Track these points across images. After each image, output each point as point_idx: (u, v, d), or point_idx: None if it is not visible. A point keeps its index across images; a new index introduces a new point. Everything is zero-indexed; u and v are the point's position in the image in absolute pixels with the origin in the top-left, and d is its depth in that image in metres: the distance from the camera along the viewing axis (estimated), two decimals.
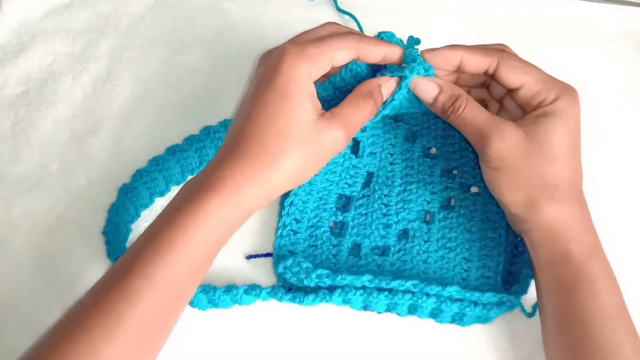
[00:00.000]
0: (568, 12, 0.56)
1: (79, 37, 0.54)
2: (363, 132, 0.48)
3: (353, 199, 0.47)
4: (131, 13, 0.55)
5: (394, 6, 0.56)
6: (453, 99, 0.41)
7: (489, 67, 0.41)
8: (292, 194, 0.45)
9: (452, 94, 0.41)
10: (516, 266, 0.44)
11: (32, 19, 0.54)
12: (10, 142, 0.50)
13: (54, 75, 0.52)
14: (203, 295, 0.42)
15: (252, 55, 0.53)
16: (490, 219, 0.46)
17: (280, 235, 0.45)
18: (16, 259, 0.45)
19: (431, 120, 0.49)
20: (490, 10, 0.56)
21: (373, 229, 0.45)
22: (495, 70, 0.41)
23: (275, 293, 0.42)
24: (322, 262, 0.45)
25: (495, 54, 0.41)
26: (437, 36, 0.52)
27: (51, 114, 0.51)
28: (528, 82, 0.40)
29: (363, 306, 0.44)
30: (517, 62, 0.41)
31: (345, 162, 0.48)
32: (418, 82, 0.41)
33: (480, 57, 0.41)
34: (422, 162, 0.48)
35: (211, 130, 0.48)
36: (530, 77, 0.40)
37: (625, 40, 0.55)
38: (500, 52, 0.41)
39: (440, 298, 0.41)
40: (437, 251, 0.45)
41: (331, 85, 0.44)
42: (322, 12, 0.55)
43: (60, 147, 0.49)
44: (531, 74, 0.40)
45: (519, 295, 0.42)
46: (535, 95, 0.40)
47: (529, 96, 0.40)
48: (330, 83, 0.44)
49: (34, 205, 0.47)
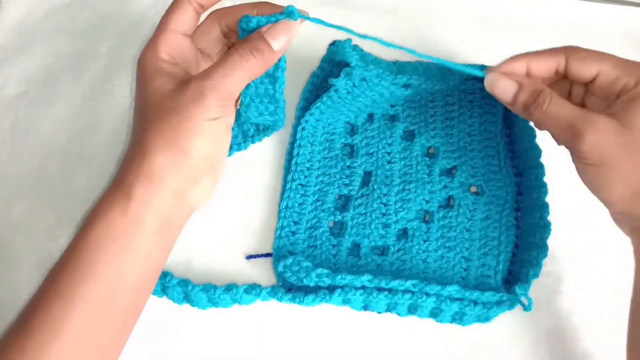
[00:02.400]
0: (568, 12, 0.56)
1: (79, 37, 0.54)
2: (355, 135, 0.49)
3: (352, 199, 0.47)
4: (131, 13, 0.55)
5: (393, 7, 0.56)
6: (535, 94, 0.38)
7: (559, 65, 0.39)
8: (285, 197, 0.46)
9: (534, 90, 0.38)
10: (516, 265, 0.44)
11: (32, 19, 0.54)
12: (10, 142, 0.50)
13: (54, 75, 0.52)
14: (203, 294, 0.42)
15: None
16: (489, 218, 0.46)
17: (279, 236, 0.45)
18: (16, 259, 0.46)
19: (429, 119, 0.50)
20: (491, 10, 0.56)
21: (372, 228, 0.46)
22: (565, 65, 0.38)
23: (275, 293, 0.42)
24: (322, 262, 0.45)
25: (561, 50, 0.39)
26: (437, 36, 0.53)
27: (51, 114, 0.51)
28: (604, 69, 0.37)
29: (363, 306, 0.44)
30: (588, 52, 0.38)
31: (338, 164, 0.48)
32: (495, 82, 0.39)
33: (547, 58, 0.39)
34: (420, 161, 0.48)
35: None
36: (605, 63, 0.37)
37: (625, 40, 0.55)
38: (566, 47, 0.39)
39: (440, 297, 0.41)
40: (437, 250, 0.45)
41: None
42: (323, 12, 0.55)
43: (60, 147, 0.50)
44: (606, 60, 0.38)
45: (519, 295, 0.42)
46: (614, 82, 0.37)
47: (608, 83, 0.37)
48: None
49: (34, 205, 0.47)
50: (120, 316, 0.36)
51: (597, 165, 0.36)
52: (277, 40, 0.38)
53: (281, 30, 0.38)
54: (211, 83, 0.35)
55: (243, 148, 0.49)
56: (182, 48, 0.39)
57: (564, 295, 0.45)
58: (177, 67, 0.38)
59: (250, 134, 0.48)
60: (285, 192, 0.47)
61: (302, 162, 0.48)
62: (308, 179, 0.48)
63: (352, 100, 0.47)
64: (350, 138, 0.50)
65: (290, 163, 0.48)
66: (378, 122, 0.50)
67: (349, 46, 0.45)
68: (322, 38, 0.52)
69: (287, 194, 0.47)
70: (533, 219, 0.44)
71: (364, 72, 0.44)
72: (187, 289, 0.42)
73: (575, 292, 0.45)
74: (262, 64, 0.37)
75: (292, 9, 0.38)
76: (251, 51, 0.37)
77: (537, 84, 0.38)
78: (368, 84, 0.45)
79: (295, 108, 0.51)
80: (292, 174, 0.47)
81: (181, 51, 0.39)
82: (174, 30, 0.39)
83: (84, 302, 0.34)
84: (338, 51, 0.47)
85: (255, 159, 0.49)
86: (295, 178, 0.47)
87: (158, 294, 0.44)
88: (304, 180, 0.47)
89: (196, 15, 0.40)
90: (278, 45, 0.38)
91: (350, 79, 0.44)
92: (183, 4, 0.39)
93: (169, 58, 0.38)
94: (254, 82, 0.41)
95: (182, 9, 0.39)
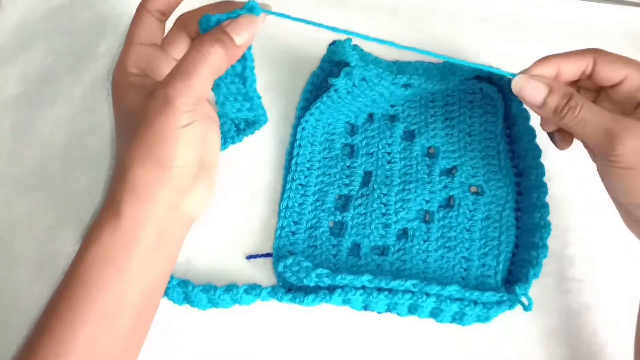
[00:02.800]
0: (568, 12, 0.56)
1: (79, 37, 0.54)
2: (355, 135, 0.49)
3: (352, 199, 0.47)
4: (131, 13, 0.54)
5: (393, 6, 0.56)
6: (567, 97, 0.37)
7: (586, 68, 0.38)
8: (285, 197, 0.46)
9: (565, 93, 0.37)
10: (516, 265, 0.44)
11: (32, 19, 0.54)
12: (10, 142, 0.50)
13: (54, 75, 0.52)
14: (203, 295, 0.42)
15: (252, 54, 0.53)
16: (490, 218, 0.46)
17: (279, 236, 0.45)
18: (16, 259, 0.46)
19: (429, 119, 0.50)
20: (491, 10, 0.56)
21: (372, 228, 0.46)
22: (592, 68, 0.38)
23: (275, 293, 0.42)
24: (322, 262, 0.45)
25: (589, 52, 0.39)
26: (437, 36, 0.53)
27: (51, 114, 0.51)
28: (631, 74, 0.37)
29: (363, 306, 0.44)
30: (615, 55, 0.38)
31: (338, 164, 0.48)
32: (523, 85, 0.38)
33: (576, 60, 0.38)
34: (420, 161, 0.48)
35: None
36: (632, 68, 0.37)
37: (625, 40, 0.55)
38: (593, 50, 0.39)
39: (440, 297, 0.41)
40: (437, 250, 0.45)
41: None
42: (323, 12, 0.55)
43: (60, 147, 0.50)
44: (633, 65, 0.37)
45: (519, 294, 0.42)
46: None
47: (634, 88, 0.37)
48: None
49: (34, 205, 0.47)
50: (123, 337, 0.35)
51: (631, 168, 0.36)
52: (239, 34, 0.36)
53: (243, 25, 0.36)
54: (174, 89, 0.34)
55: (237, 141, 0.49)
56: (150, 58, 0.39)
57: (565, 295, 0.45)
58: (148, 78, 0.38)
59: (241, 127, 0.48)
60: (285, 192, 0.47)
61: (302, 162, 0.48)
62: (308, 179, 0.48)
63: (352, 100, 0.47)
64: (350, 138, 0.50)
65: (290, 163, 0.48)
66: (378, 122, 0.50)
67: (348, 46, 0.45)
68: (322, 38, 0.52)
69: (287, 194, 0.47)
70: (533, 219, 0.44)
71: (363, 72, 0.44)
72: (187, 289, 0.42)
73: (575, 292, 0.45)
74: (226, 57, 0.35)
75: (254, 4, 0.36)
76: (211, 44, 0.34)
77: (566, 87, 0.38)
78: (368, 84, 0.45)
79: (295, 108, 0.51)
80: (292, 174, 0.47)
81: (149, 61, 0.39)
82: (139, 43, 0.39)
83: (85, 326, 0.34)
84: (338, 51, 0.47)
85: (255, 159, 0.49)
86: (295, 178, 0.47)
87: None
88: (304, 180, 0.47)
89: (159, 23, 0.39)
90: (241, 39, 0.36)
91: (350, 78, 0.44)
92: (143, 15, 0.39)
93: (138, 71, 0.38)
94: (224, 83, 0.40)
95: (143, 20, 0.39)
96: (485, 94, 0.50)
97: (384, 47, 0.52)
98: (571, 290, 0.45)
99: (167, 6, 0.39)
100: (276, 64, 0.53)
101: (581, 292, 0.45)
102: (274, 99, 0.51)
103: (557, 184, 0.48)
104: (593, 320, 0.44)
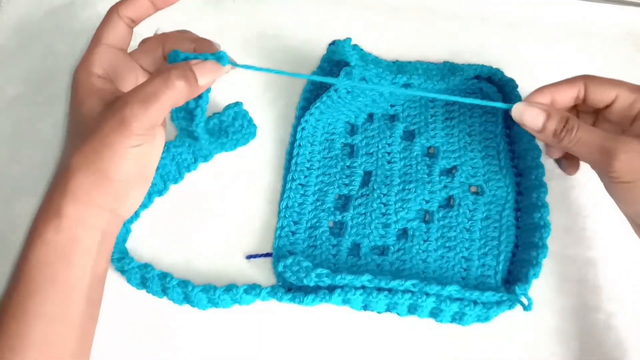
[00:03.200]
0: (568, 12, 0.56)
1: (79, 37, 0.54)
2: (355, 134, 0.49)
3: (352, 199, 0.47)
4: None
5: (394, 6, 0.56)
6: (563, 121, 0.39)
7: (579, 93, 0.40)
8: (285, 197, 0.46)
9: (562, 117, 0.39)
10: (516, 265, 0.44)
11: (32, 19, 0.54)
12: (10, 142, 0.50)
13: (54, 75, 0.52)
14: (203, 295, 0.42)
15: (252, 55, 0.53)
16: (490, 218, 0.46)
17: (279, 236, 0.45)
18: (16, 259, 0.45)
19: (429, 119, 0.50)
20: (491, 10, 0.56)
21: (372, 228, 0.46)
22: (585, 92, 0.40)
23: (275, 293, 0.42)
24: (322, 262, 0.45)
25: (580, 79, 0.40)
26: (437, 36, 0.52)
27: (51, 114, 0.51)
28: (621, 93, 0.39)
29: (363, 306, 0.44)
30: (603, 79, 0.40)
31: (338, 163, 0.48)
32: (523, 112, 0.40)
33: (569, 87, 0.40)
34: (420, 161, 0.48)
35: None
36: (621, 87, 0.40)
37: (625, 40, 0.55)
38: (583, 76, 0.41)
39: (440, 297, 0.41)
40: (437, 250, 0.45)
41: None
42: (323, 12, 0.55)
43: (60, 147, 0.49)
44: (622, 85, 0.40)
45: (519, 294, 0.42)
46: (632, 104, 0.39)
47: (626, 106, 0.40)
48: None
49: (34, 205, 0.47)
50: (77, 326, 0.37)
51: (629, 182, 0.37)
52: (203, 76, 0.37)
53: (209, 68, 0.38)
54: (131, 112, 0.35)
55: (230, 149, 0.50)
56: (116, 61, 0.40)
57: (565, 295, 0.45)
58: (110, 83, 0.39)
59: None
60: (285, 192, 0.47)
61: (302, 162, 0.48)
62: (308, 178, 0.48)
63: (352, 100, 0.47)
64: (350, 138, 0.50)
65: (290, 163, 0.48)
66: (378, 122, 0.50)
67: (348, 45, 0.45)
68: (322, 38, 0.52)
69: (287, 194, 0.47)
70: (533, 219, 0.44)
71: (363, 72, 0.44)
72: (187, 289, 0.42)
73: (575, 292, 0.45)
74: (186, 93, 0.36)
75: (223, 54, 0.38)
76: (178, 77, 0.35)
77: (563, 111, 0.40)
78: (368, 84, 0.45)
79: (295, 108, 0.51)
80: (292, 174, 0.47)
81: (115, 64, 0.40)
82: (107, 45, 0.40)
83: (37, 318, 0.35)
84: (338, 50, 0.47)
85: (255, 159, 0.49)
86: (295, 178, 0.47)
87: (158, 294, 0.44)
88: (304, 180, 0.47)
89: (128, 29, 0.40)
90: (203, 81, 0.37)
91: (349, 78, 0.44)
92: (114, 18, 0.40)
93: (102, 73, 0.39)
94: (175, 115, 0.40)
95: (113, 23, 0.40)
96: (486, 94, 0.50)
97: (383, 47, 0.53)
98: (571, 290, 0.45)
99: (138, 14, 0.40)
100: (276, 64, 0.53)
101: (581, 292, 0.45)
102: (274, 99, 0.51)
103: (557, 184, 0.48)
104: (593, 321, 0.44)
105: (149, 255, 0.46)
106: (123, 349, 0.43)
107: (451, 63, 0.51)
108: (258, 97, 0.51)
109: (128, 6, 0.40)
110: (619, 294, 0.45)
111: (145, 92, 0.35)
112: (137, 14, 0.40)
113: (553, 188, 0.46)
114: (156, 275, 0.43)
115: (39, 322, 0.35)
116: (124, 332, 0.44)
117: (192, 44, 0.40)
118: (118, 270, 0.44)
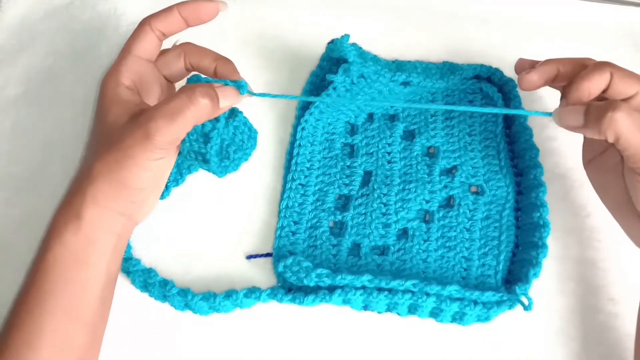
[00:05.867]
0: (568, 12, 0.56)
1: (79, 37, 0.54)
2: (355, 134, 0.49)
3: (352, 199, 0.47)
4: (131, 13, 0.55)
5: (394, 7, 0.56)
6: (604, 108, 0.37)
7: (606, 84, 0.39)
8: (285, 197, 0.46)
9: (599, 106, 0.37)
10: (516, 265, 0.44)
11: (32, 19, 0.54)
12: (10, 142, 0.50)
13: (54, 75, 0.52)
14: (204, 302, 0.42)
15: (252, 55, 0.53)
16: (490, 218, 0.46)
17: (279, 236, 0.45)
18: (17, 259, 0.45)
19: (429, 119, 0.50)
20: (491, 10, 0.56)
21: (372, 228, 0.46)
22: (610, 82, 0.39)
23: (275, 294, 0.42)
24: (322, 262, 0.45)
25: (605, 67, 0.39)
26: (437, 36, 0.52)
27: (51, 114, 0.51)
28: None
29: (363, 306, 0.44)
30: (627, 71, 0.39)
31: (338, 163, 0.48)
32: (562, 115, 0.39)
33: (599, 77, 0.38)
34: (420, 161, 0.48)
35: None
36: None
37: (625, 40, 0.55)
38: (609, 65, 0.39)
39: (440, 297, 0.41)
40: (437, 250, 0.45)
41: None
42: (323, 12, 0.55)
43: (61, 147, 0.49)
44: None
45: (519, 294, 0.42)
46: None
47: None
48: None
49: (34, 206, 0.47)
50: (89, 325, 0.38)
51: None
52: (225, 99, 0.38)
53: (230, 93, 0.39)
54: (156, 127, 0.36)
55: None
56: (145, 73, 0.41)
57: (565, 295, 0.45)
58: (136, 94, 0.40)
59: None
60: (285, 192, 0.47)
61: (302, 162, 0.48)
62: (308, 178, 0.48)
63: (351, 98, 0.47)
64: (350, 138, 0.50)
65: (290, 163, 0.48)
66: (378, 121, 0.50)
67: (346, 42, 0.45)
68: (322, 38, 0.52)
69: (287, 194, 0.47)
70: (532, 219, 0.44)
71: (361, 69, 0.44)
72: (187, 298, 0.42)
73: (575, 292, 0.45)
74: (209, 112, 0.37)
75: (244, 83, 0.39)
76: (203, 95, 0.36)
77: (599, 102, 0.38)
78: (366, 81, 0.45)
79: (295, 108, 0.51)
80: (292, 174, 0.47)
81: (143, 76, 0.41)
82: (137, 56, 0.40)
83: (54, 316, 0.36)
84: (336, 48, 0.47)
85: (255, 159, 0.49)
86: (295, 178, 0.47)
87: (160, 299, 0.44)
88: (304, 180, 0.47)
89: (158, 42, 0.41)
90: (224, 104, 0.38)
91: (348, 75, 0.44)
92: (146, 31, 0.40)
93: (130, 84, 0.40)
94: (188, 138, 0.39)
95: (145, 35, 0.40)
96: (485, 93, 0.50)
97: (383, 47, 0.53)
98: (571, 290, 0.45)
99: (169, 29, 0.41)
100: (276, 64, 0.53)
101: (581, 292, 0.45)
102: (273, 99, 0.51)
103: (557, 184, 0.48)
104: (593, 321, 0.44)
105: (150, 254, 0.46)
106: (124, 349, 0.43)
107: (450, 63, 0.51)
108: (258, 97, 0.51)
109: (161, 20, 0.40)
110: (619, 294, 0.45)
111: (170, 108, 0.36)
112: (168, 28, 0.41)
113: (553, 188, 0.46)
114: (157, 282, 0.43)
115: (55, 319, 0.36)
116: (125, 332, 0.44)
117: (214, 62, 0.41)
118: (124, 271, 0.44)
